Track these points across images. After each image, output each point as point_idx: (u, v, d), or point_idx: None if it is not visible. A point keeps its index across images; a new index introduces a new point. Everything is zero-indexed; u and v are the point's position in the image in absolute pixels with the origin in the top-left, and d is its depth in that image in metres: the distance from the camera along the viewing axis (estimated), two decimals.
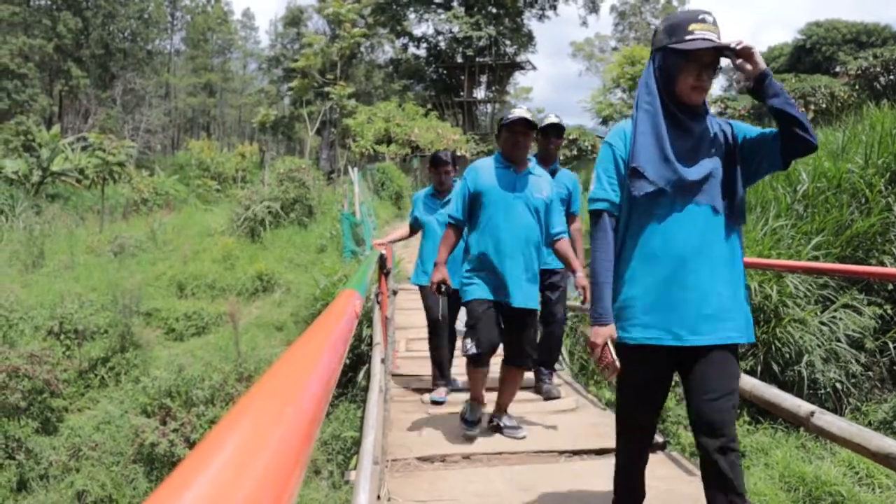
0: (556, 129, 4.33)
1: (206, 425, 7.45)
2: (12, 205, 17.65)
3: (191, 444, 7.32)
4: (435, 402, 4.42)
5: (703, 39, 1.97)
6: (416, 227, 4.74)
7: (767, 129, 2.12)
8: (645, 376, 2.20)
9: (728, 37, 1.99)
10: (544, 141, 4.35)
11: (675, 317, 2.07)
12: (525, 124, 3.44)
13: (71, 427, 8.16)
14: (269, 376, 0.56)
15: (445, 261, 3.58)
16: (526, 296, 3.46)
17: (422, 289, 4.59)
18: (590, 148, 26.78)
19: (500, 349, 3.60)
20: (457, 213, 3.55)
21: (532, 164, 3.59)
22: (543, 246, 3.58)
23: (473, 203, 3.52)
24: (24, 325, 9.60)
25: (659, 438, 3.52)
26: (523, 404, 4.30)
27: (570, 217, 4.33)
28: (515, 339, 3.55)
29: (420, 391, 4.75)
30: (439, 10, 37.88)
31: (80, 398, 8.97)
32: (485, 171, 3.53)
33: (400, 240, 5.10)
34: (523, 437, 3.66)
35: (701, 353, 2.07)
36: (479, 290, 3.44)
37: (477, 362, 3.49)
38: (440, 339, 4.50)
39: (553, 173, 4.23)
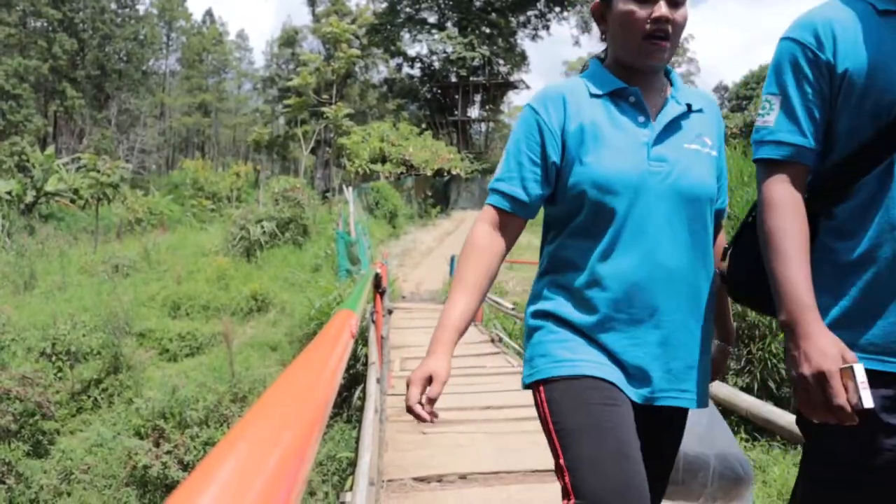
0: None
1: (201, 447, 7.39)
2: (5, 225, 17.61)
3: (184, 466, 7.24)
4: None
5: None
6: (532, 211, 1.40)
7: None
8: None
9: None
10: None
11: None
12: None
13: (62, 450, 8.07)
14: (266, 399, 0.56)
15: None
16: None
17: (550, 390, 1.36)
18: None
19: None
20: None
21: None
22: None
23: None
24: (15, 347, 9.52)
25: None
26: (519, 423, 4.28)
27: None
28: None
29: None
30: (433, 31, 38.21)
31: (72, 420, 8.89)
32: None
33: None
34: None
35: None
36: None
37: None
38: None
39: None
